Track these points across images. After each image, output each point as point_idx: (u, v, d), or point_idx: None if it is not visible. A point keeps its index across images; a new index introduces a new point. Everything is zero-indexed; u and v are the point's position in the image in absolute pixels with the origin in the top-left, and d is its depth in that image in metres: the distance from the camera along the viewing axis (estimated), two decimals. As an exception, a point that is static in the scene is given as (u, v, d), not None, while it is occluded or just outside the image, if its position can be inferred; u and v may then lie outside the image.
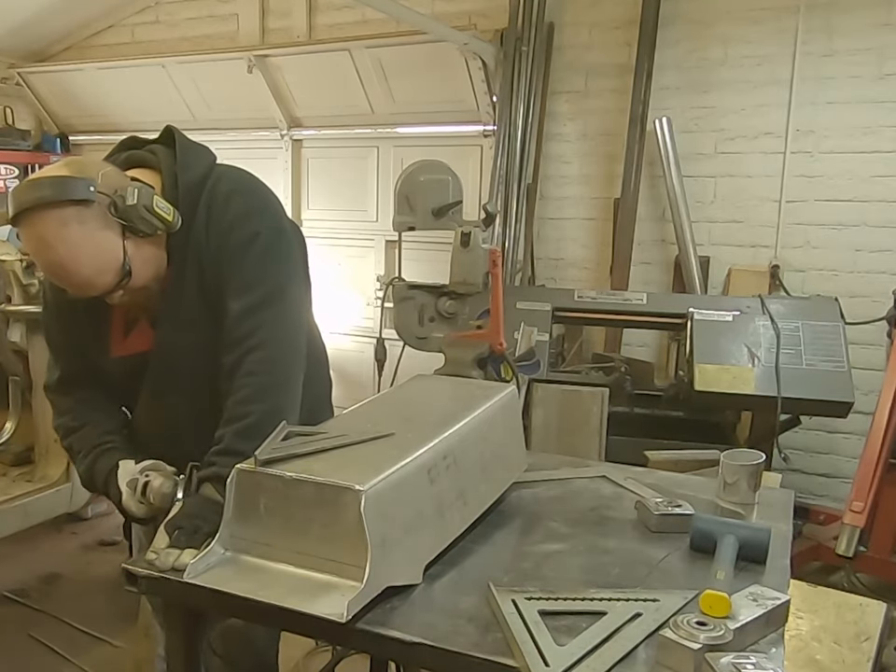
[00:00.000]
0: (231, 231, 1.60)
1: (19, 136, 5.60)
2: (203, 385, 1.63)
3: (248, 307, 1.57)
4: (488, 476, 1.56)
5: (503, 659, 1.12)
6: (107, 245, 1.49)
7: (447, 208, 2.56)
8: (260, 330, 1.56)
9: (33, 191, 1.45)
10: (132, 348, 1.68)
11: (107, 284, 1.50)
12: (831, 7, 3.68)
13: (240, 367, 1.55)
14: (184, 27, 5.34)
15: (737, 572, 1.33)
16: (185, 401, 1.67)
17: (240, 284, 1.58)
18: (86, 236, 1.46)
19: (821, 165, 3.77)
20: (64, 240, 1.44)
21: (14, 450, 3.60)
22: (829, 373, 3.12)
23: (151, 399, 1.71)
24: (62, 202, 1.44)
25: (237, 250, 1.59)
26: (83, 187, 1.45)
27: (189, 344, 1.63)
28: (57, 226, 1.44)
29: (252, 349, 1.55)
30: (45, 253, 1.46)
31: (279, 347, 1.58)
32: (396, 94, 4.55)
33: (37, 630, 3.00)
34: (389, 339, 2.74)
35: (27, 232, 1.46)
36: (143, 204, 1.50)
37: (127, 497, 1.56)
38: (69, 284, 1.50)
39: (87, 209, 1.46)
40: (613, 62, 4.13)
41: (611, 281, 4.08)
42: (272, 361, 1.57)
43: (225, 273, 1.59)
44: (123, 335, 1.69)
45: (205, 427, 1.58)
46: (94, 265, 1.48)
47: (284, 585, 1.23)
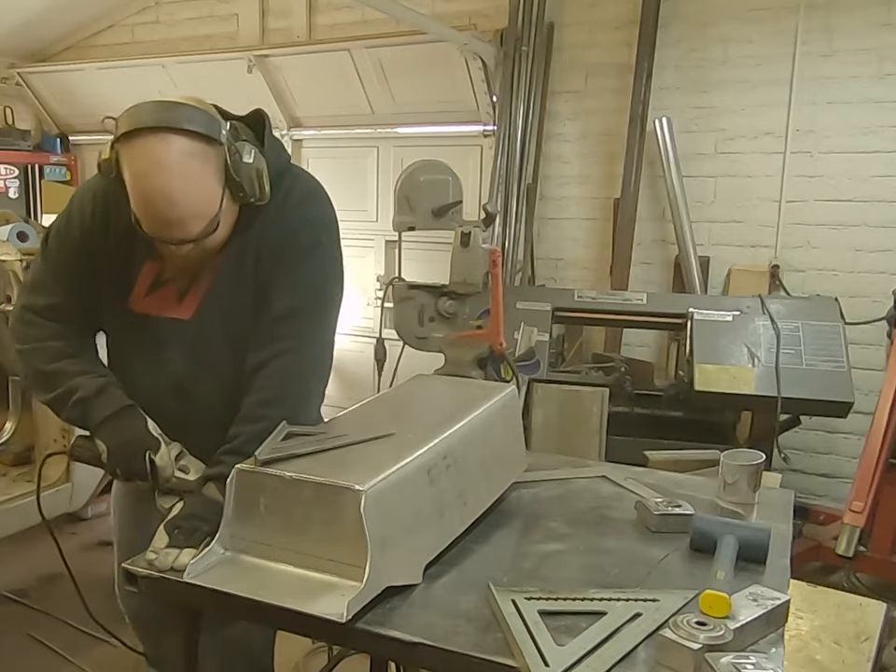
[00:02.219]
0: (297, 232, 1.59)
1: (19, 136, 5.60)
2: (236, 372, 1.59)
3: (291, 310, 1.56)
4: (488, 476, 1.56)
5: (503, 659, 1.12)
6: (213, 191, 1.45)
7: (447, 208, 2.56)
8: (296, 337, 1.55)
9: (167, 111, 1.40)
10: (152, 308, 1.61)
11: (195, 230, 1.44)
12: (831, 7, 3.68)
13: (266, 367, 1.54)
14: (184, 27, 5.34)
15: (737, 572, 1.33)
16: (218, 387, 1.62)
17: (290, 285, 1.57)
18: (201, 175, 1.42)
19: (821, 165, 3.77)
20: (182, 170, 1.39)
21: (14, 450, 3.60)
22: (829, 373, 3.12)
23: (178, 376, 1.62)
24: (194, 132, 1.40)
25: (298, 252, 1.58)
26: (217, 127, 1.44)
27: (229, 327, 1.60)
28: (181, 154, 1.39)
29: (283, 353, 1.54)
30: (155, 177, 1.38)
31: (308, 358, 1.58)
32: (396, 94, 4.55)
33: (37, 630, 3.00)
34: (389, 339, 2.74)
35: (144, 149, 1.38)
36: (256, 167, 1.49)
37: (164, 448, 1.51)
38: (160, 217, 1.42)
39: (212, 150, 1.43)
40: (613, 62, 4.13)
41: (611, 281, 4.08)
42: (298, 370, 1.56)
43: (280, 269, 1.57)
44: (146, 291, 1.62)
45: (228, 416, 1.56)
46: (195, 206, 1.43)
47: (284, 585, 1.23)
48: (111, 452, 1.53)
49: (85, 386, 1.56)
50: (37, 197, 5.70)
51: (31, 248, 3.58)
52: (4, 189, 5.52)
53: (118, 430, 1.53)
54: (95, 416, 1.55)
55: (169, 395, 1.63)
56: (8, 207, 4.75)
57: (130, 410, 1.56)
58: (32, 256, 3.38)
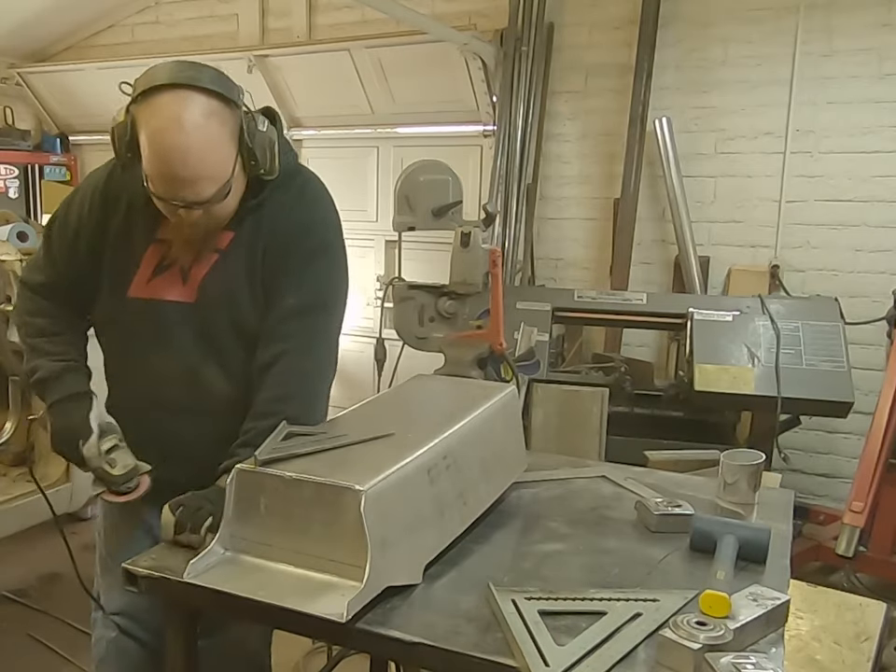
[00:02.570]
0: (309, 231, 1.61)
1: (19, 136, 5.60)
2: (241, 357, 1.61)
3: (303, 308, 1.58)
4: (488, 476, 1.56)
5: (503, 659, 1.11)
6: (228, 154, 1.47)
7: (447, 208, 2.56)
8: (306, 334, 1.59)
9: (194, 70, 1.43)
10: (155, 292, 1.61)
11: (207, 192, 1.45)
12: (831, 7, 3.68)
13: (277, 363, 1.56)
14: (184, 27, 5.34)
15: (737, 572, 1.33)
16: (224, 371, 1.62)
17: (300, 283, 1.59)
18: (219, 136, 1.44)
19: (821, 165, 3.77)
20: (200, 128, 1.40)
21: (14, 450, 3.60)
22: (829, 373, 3.12)
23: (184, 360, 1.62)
24: (216, 93, 1.43)
25: (309, 251, 1.60)
26: (236, 90, 1.48)
27: (231, 311, 1.61)
28: (201, 113, 1.41)
29: (294, 350, 1.57)
30: (173, 134, 1.39)
31: (318, 355, 1.61)
32: (396, 94, 4.55)
33: (37, 630, 3.00)
34: (389, 339, 2.74)
35: (163, 106, 1.40)
36: (269, 137, 1.52)
37: (95, 440, 1.53)
38: (175, 175, 1.42)
39: (229, 112, 1.46)
40: (613, 62, 4.13)
41: (611, 281, 4.08)
42: (308, 367, 1.59)
43: (290, 266, 1.59)
44: (149, 276, 1.62)
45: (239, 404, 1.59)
46: (211, 167, 1.44)
47: (283, 585, 1.23)
48: (52, 434, 1.60)
49: (46, 368, 1.62)
50: (37, 197, 5.70)
51: (31, 248, 3.59)
52: (4, 189, 5.52)
53: (61, 415, 1.59)
54: (48, 398, 1.61)
55: (177, 381, 1.63)
56: (8, 207, 4.76)
57: (78, 397, 1.60)
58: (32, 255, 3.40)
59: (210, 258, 1.61)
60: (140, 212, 1.60)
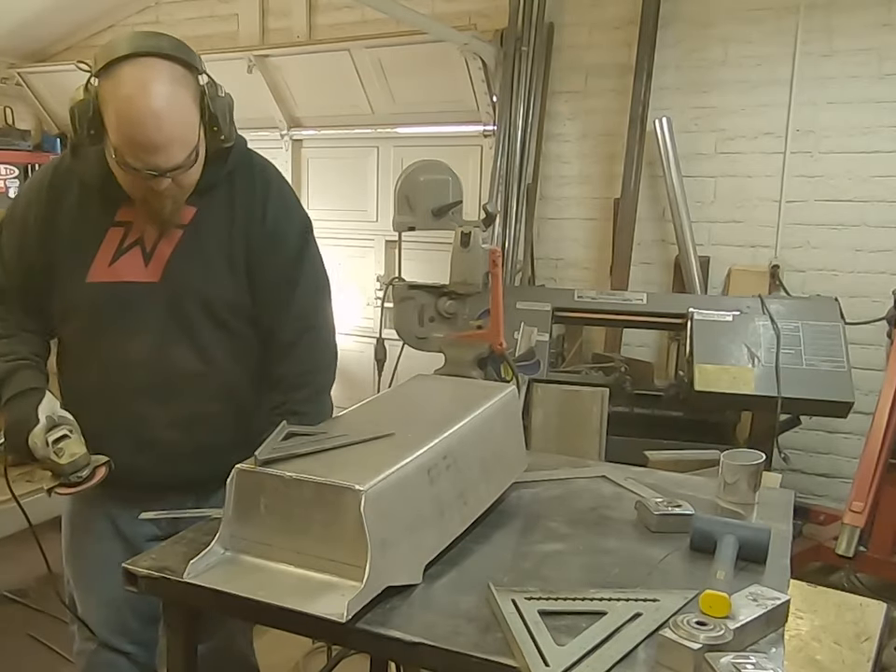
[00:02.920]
0: (292, 216, 1.72)
1: (19, 136, 5.59)
2: (209, 335, 1.64)
3: (312, 288, 1.72)
4: (488, 476, 1.56)
5: (503, 659, 1.11)
6: (195, 118, 1.50)
7: (447, 208, 2.56)
8: (321, 311, 1.75)
9: (154, 39, 1.46)
10: (117, 275, 1.61)
11: (178, 157, 1.47)
12: (831, 7, 3.68)
13: (301, 339, 1.69)
14: (184, 27, 5.33)
15: (737, 572, 1.33)
16: (192, 350, 1.63)
17: (303, 266, 1.70)
18: (185, 100, 1.48)
19: (821, 165, 3.77)
20: (169, 95, 1.44)
21: (14, 450, 3.60)
22: (829, 373, 3.12)
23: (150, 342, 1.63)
24: (180, 59, 1.47)
25: (300, 235, 1.72)
26: (195, 56, 1.51)
27: (201, 290, 1.63)
28: (168, 79, 1.45)
29: (314, 327, 1.72)
30: (143, 99, 1.42)
31: (331, 331, 1.78)
32: (396, 94, 4.54)
33: (37, 630, 3.00)
34: (389, 339, 2.74)
35: (133, 74, 1.43)
36: (227, 103, 1.56)
37: (40, 430, 1.51)
38: (147, 140, 1.43)
39: (192, 77, 1.50)
40: (613, 62, 4.13)
41: (611, 281, 4.08)
42: (326, 342, 1.76)
43: (288, 252, 1.68)
44: (110, 260, 1.61)
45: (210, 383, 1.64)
46: (180, 132, 1.46)
47: (284, 585, 1.23)
48: (4, 432, 1.57)
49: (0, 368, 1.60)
50: (37, 197, 5.69)
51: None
52: (4, 189, 5.52)
53: (13, 411, 1.57)
54: (2, 398, 1.59)
55: (143, 364, 1.63)
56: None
57: (28, 392, 1.58)
58: None
59: (173, 235, 1.62)
60: (94, 198, 1.60)
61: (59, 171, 1.65)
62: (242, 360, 1.70)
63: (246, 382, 1.72)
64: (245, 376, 1.71)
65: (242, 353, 1.70)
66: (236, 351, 1.69)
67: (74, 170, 1.61)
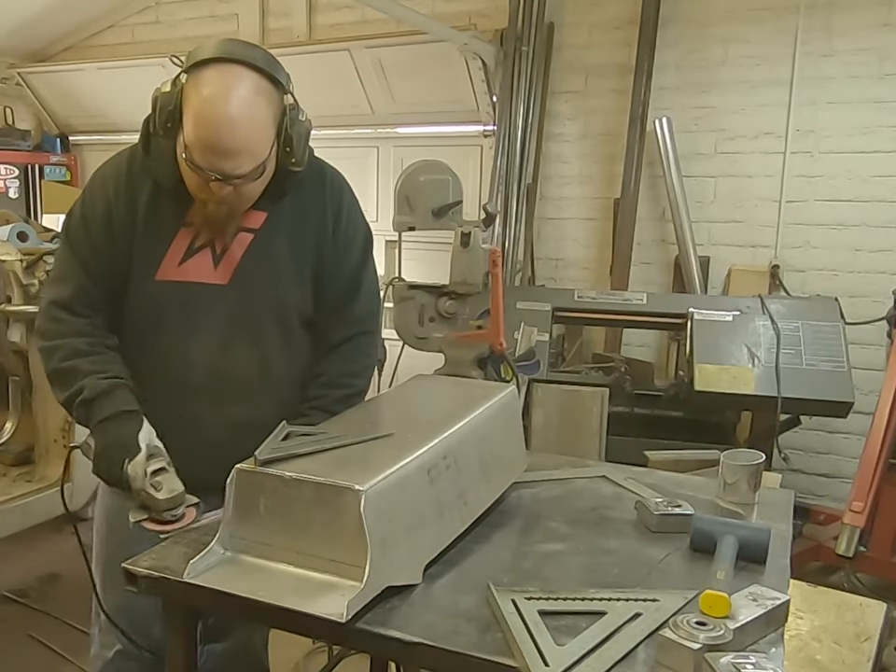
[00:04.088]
0: (358, 228, 1.74)
1: (19, 136, 5.60)
2: (273, 341, 1.65)
3: (369, 296, 1.76)
4: (488, 476, 1.56)
5: (503, 659, 1.11)
6: (270, 133, 1.51)
7: (447, 208, 2.56)
8: (374, 320, 1.79)
9: (248, 49, 1.48)
10: (185, 275, 1.61)
11: (244, 167, 1.47)
12: (831, 7, 3.68)
13: (351, 341, 1.71)
14: (184, 27, 5.34)
15: (737, 572, 1.33)
16: (254, 354, 1.64)
17: (366, 275, 1.74)
18: (265, 114, 1.49)
19: (821, 165, 3.77)
20: (249, 103, 1.45)
21: (14, 450, 3.59)
22: (829, 373, 3.12)
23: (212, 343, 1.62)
24: (268, 73, 1.48)
25: (364, 246, 1.75)
26: (285, 74, 1.53)
27: (271, 293, 1.64)
28: (252, 89, 1.46)
29: (365, 332, 1.74)
30: (223, 103, 1.43)
31: (379, 339, 1.86)
32: (396, 94, 4.55)
33: (37, 630, 3.00)
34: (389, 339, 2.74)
35: (217, 76, 1.45)
36: (306, 128, 1.58)
37: (141, 460, 1.46)
38: (219, 143, 1.44)
39: (277, 94, 1.51)
40: (613, 62, 4.13)
41: (611, 281, 4.08)
42: (376, 347, 1.81)
43: (355, 261, 1.72)
44: (180, 259, 1.61)
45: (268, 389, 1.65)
46: (252, 143, 1.47)
47: (284, 585, 1.23)
48: (96, 454, 1.52)
49: (91, 387, 1.54)
50: (37, 197, 5.70)
51: (31, 248, 3.58)
52: (4, 189, 5.53)
53: (107, 433, 1.52)
54: (94, 418, 1.54)
55: (203, 366, 1.62)
56: (8, 207, 4.75)
57: (127, 414, 1.53)
58: (32, 256, 3.40)
59: (243, 239, 1.62)
60: (168, 195, 1.59)
61: (133, 167, 1.62)
62: (298, 369, 1.71)
63: (300, 390, 1.71)
64: (298, 385, 1.71)
65: (299, 361, 1.71)
66: (294, 359, 1.70)
67: (147, 168, 1.60)
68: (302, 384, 1.71)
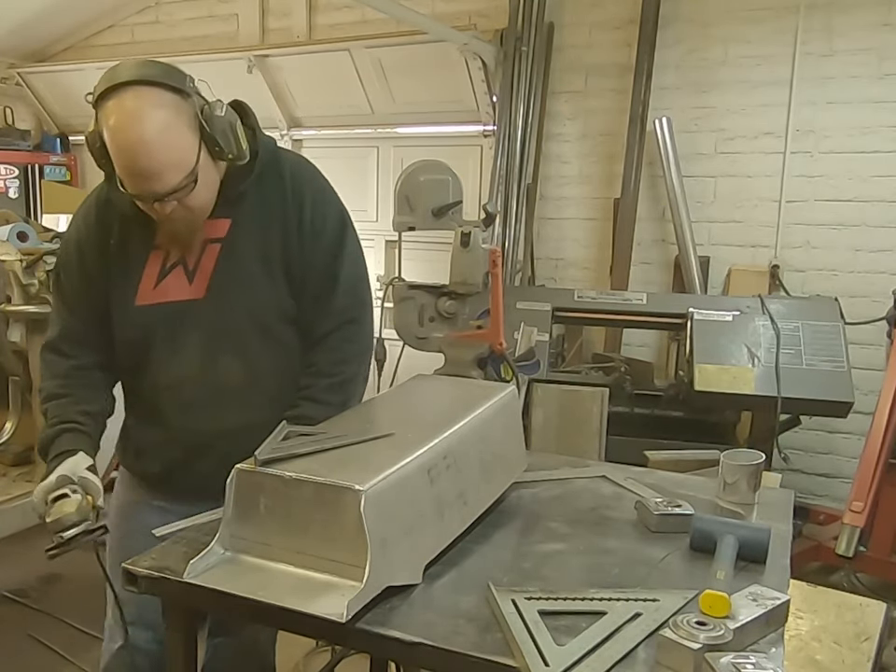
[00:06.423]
0: (327, 212, 1.71)
1: (19, 136, 5.60)
2: (256, 345, 1.66)
3: (352, 283, 1.73)
4: (488, 476, 1.56)
5: (503, 659, 1.11)
6: (188, 142, 1.50)
7: (447, 208, 2.56)
8: (360, 307, 1.76)
9: (138, 68, 1.47)
10: (163, 296, 1.64)
11: (173, 182, 1.48)
12: (831, 7, 3.68)
13: (338, 331, 1.70)
14: (184, 27, 5.34)
15: (737, 572, 1.33)
16: (239, 362, 1.66)
17: (343, 262, 1.71)
18: (175, 124, 1.47)
19: (821, 165, 3.77)
20: (155, 121, 1.44)
21: (14, 450, 3.60)
22: (829, 373, 3.12)
23: (197, 357, 1.66)
24: (164, 84, 1.47)
25: (337, 231, 1.72)
26: (185, 78, 1.51)
27: (247, 300, 1.65)
28: (152, 106, 1.45)
29: (352, 320, 1.73)
30: (131, 129, 1.43)
31: (368, 323, 1.79)
32: (396, 94, 4.55)
33: (37, 630, 3.00)
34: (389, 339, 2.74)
35: (119, 106, 1.44)
36: (228, 121, 1.54)
37: (43, 487, 1.53)
38: (139, 168, 1.46)
39: (183, 101, 1.49)
40: (613, 62, 4.13)
41: (611, 281, 4.08)
42: (365, 333, 1.77)
43: (327, 250, 1.69)
44: (155, 282, 1.65)
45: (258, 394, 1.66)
46: (171, 157, 1.47)
47: (284, 585, 1.23)
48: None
49: (44, 433, 1.64)
50: (37, 197, 5.70)
51: (31, 248, 3.59)
52: (4, 189, 5.52)
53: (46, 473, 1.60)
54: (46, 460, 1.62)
55: (193, 379, 1.66)
56: (8, 207, 4.76)
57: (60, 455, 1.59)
58: (32, 256, 3.40)
59: (212, 250, 1.63)
60: (134, 222, 1.62)
61: (100, 203, 1.67)
62: (287, 369, 1.72)
63: (292, 389, 1.72)
64: (289, 384, 1.72)
65: (287, 361, 1.72)
66: (281, 360, 1.71)
67: (112, 200, 1.62)
68: (293, 377, 1.73)
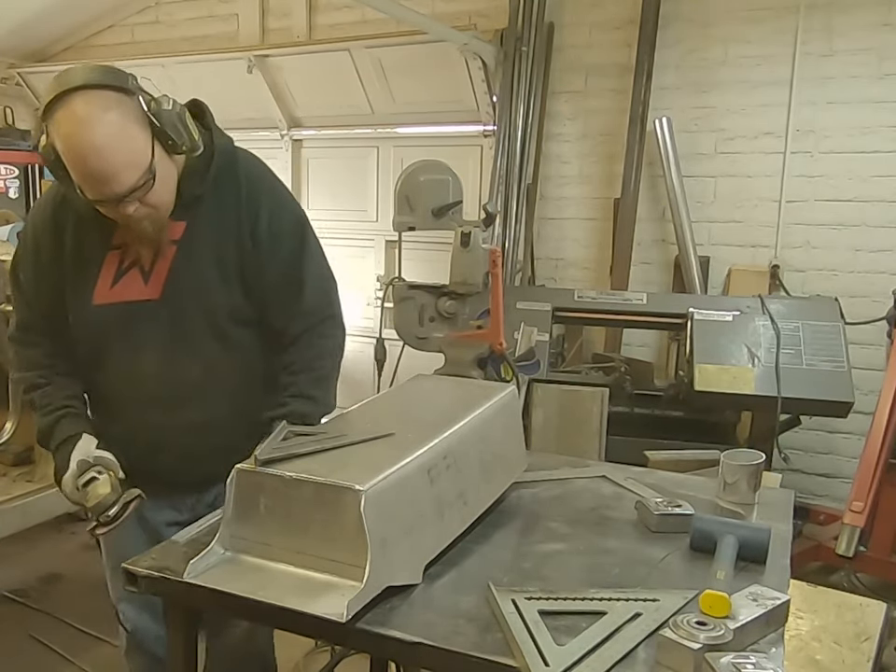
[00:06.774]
0: (283, 215, 1.72)
1: (19, 136, 5.59)
2: (212, 346, 1.68)
3: (318, 284, 1.75)
4: (488, 476, 1.56)
5: (503, 659, 1.11)
6: (141, 140, 1.50)
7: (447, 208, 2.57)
8: (329, 306, 1.78)
9: (78, 74, 1.47)
10: (120, 296, 1.65)
11: (131, 181, 1.48)
12: (831, 7, 3.68)
13: (314, 330, 1.73)
14: (184, 27, 5.34)
15: (737, 572, 1.33)
16: (195, 361, 1.68)
17: (308, 264, 1.73)
18: (124, 124, 1.48)
19: (821, 165, 3.77)
20: (105, 123, 1.45)
21: (14, 450, 3.59)
22: (829, 373, 3.12)
23: (154, 356, 1.68)
24: (107, 86, 1.48)
25: (296, 233, 1.73)
26: (127, 78, 1.52)
27: (202, 301, 1.66)
28: (100, 108, 1.45)
29: (327, 317, 1.76)
30: (81, 135, 1.44)
31: (340, 318, 1.80)
32: (396, 94, 4.55)
33: (37, 630, 3.00)
34: (389, 339, 2.74)
35: (66, 114, 1.45)
36: (177, 113, 1.55)
37: (70, 476, 1.58)
38: (96, 172, 1.46)
39: (128, 99, 1.50)
40: (613, 62, 4.13)
41: (611, 281, 4.08)
42: (338, 327, 1.79)
43: (287, 253, 1.70)
44: (111, 282, 1.66)
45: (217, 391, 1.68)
46: (126, 156, 1.47)
47: (284, 585, 1.23)
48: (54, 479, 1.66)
49: (41, 423, 1.70)
50: (37, 197, 5.70)
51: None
52: (4, 189, 5.52)
53: (55, 462, 1.66)
54: (49, 449, 1.69)
55: (151, 378, 1.68)
56: (8, 207, 4.76)
57: (66, 442, 1.65)
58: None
59: (168, 252, 1.65)
60: (91, 224, 1.63)
61: (56, 201, 1.68)
62: (245, 367, 1.73)
63: (250, 386, 1.74)
64: (248, 382, 1.74)
65: (244, 360, 1.73)
66: (238, 360, 1.72)
67: (69, 200, 1.63)
68: (257, 382, 1.75)
